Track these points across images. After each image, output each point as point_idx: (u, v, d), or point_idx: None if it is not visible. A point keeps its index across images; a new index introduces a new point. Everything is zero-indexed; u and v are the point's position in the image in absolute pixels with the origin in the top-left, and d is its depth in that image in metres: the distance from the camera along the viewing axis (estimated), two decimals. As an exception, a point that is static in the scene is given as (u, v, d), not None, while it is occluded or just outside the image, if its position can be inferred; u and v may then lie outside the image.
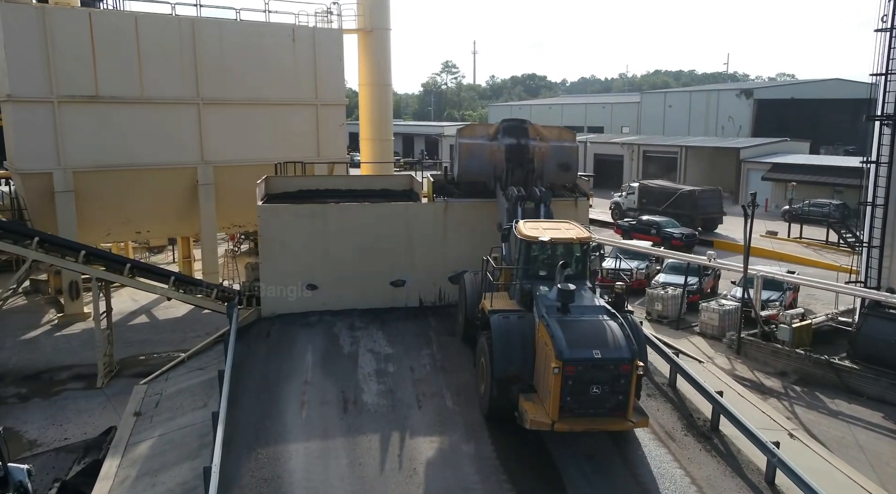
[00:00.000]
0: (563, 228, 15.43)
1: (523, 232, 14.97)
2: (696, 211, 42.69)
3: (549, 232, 14.93)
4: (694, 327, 24.13)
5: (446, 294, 19.73)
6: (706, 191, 44.99)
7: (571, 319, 12.94)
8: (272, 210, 18.86)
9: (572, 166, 19.31)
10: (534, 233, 14.79)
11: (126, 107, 25.16)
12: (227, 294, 19.92)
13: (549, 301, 13.56)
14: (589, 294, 14.40)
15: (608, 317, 13.20)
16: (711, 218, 43.22)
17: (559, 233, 14.99)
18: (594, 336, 12.69)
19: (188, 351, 17.72)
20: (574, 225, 15.86)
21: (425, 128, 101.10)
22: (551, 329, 12.53)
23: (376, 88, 30.87)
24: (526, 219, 16.30)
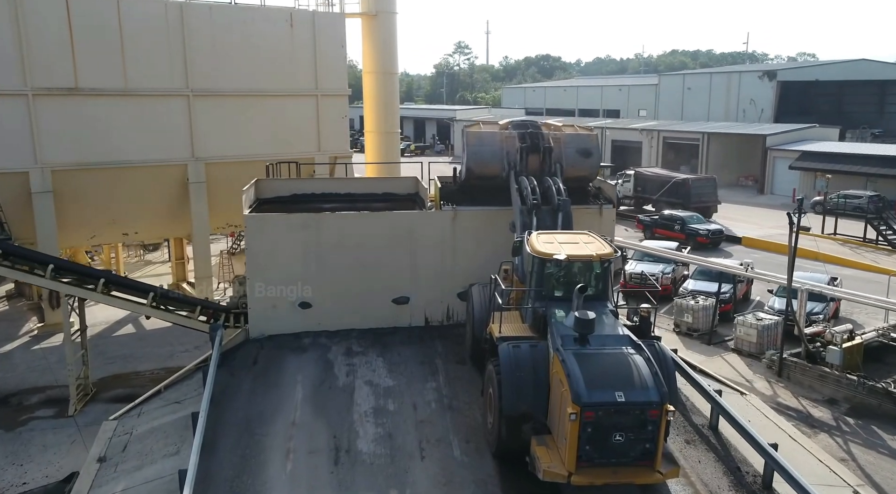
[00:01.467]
0: (582, 242, 13.62)
1: (537, 247, 13.16)
2: (690, 199, 41.71)
3: (566, 246, 13.17)
4: (728, 341, 22.02)
5: (455, 312, 17.79)
6: (700, 180, 44.15)
7: (591, 352, 11.35)
8: (260, 220, 16.89)
9: (593, 152, 17.38)
10: (549, 248, 13.04)
11: (108, 100, 23.17)
12: (213, 311, 17.96)
13: (565, 329, 11.90)
14: (610, 319, 12.66)
15: (633, 350, 11.53)
16: (706, 206, 42.10)
17: (577, 248, 13.23)
18: (617, 374, 11.06)
19: (168, 379, 15.81)
20: (594, 237, 13.96)
21: (437, 112, 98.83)
22: (568, 365, 10.92)
23: (381, 77, 28.70)
24: (540, 231, 14.41)
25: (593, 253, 13.13)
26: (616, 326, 12.59)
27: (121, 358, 20.98)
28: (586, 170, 17.41)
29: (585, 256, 13.07)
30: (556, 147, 17.04)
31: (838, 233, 36.92)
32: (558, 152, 16.99)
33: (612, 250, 13.43)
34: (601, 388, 10.64)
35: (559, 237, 14.03)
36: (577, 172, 17.22)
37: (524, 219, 15.68)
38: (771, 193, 53.07)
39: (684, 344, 21.92)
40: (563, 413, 10.89)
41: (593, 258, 13.07)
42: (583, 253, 13.10)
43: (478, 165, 16.97)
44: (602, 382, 10.80)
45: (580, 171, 17.29)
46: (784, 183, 51.82)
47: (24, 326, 24.18)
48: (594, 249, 13.30)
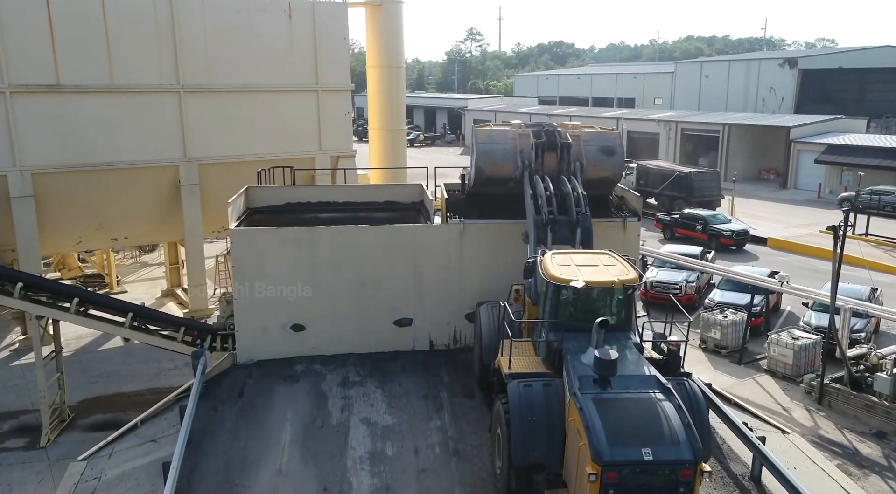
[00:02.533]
0: (603, 264, 12.17)
1: (551, 271, 11.73)
2: (693, 193, 40.62)
3: (584, 270, 11.78)
4: (759, 360, 20.28)
5: (462, 335, 16.22)
6: (703, 173, 43.05)
7: (613, 397, 10.12)
8: (247, 235, 15.33)
9: (617, 150, 15.75)
10: (565, 272, 11.64)
11: (93, 97, 21.60)
12: (198, 332, 16.44)
13: (583, 368, 10.57)
14: (634, 355, 11.27)
15: (661, 395, 10.15)
16: (708, 200, 41.07)
17: (597, 271, 11.82)
18: (643, 425, 9.80)
19: (145, 413, 14.30)
20: (616, 258, 12.45)
21: (448, 101, 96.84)
22: (586, 415, 9.61)
23: (387, 70, 26.97)
24: (555, 250, 12.87)
25: (615, 278, 11.65)
26: (641, 364, 11.16)
27: (104, 377, 19.54)
28: (609, 170, 15.77)
29: (606, 282, 11.58)
30: (576, 144, 15.41)
31: (870, 233, 34.93)
32: (578, 150, 15.37)
33: (636, 275, 11.92)
34: (625, 444, 9.34)
35: (576, 258, 12.53)
36: (600, 172, 15.60)
37: (538, 232, 14.12)
38: (794, 188, 50.99)
39: (712, 363, 20.24)
40: (580, 471, 9.58)
41: (615, 285, 11.59)
42: (603, 279, 11.60)
43: (488, 165, 15.37)
44: (626, 436, 9.49)
45: (602, 171, 15.65)
46: (808, 177, 49.76)
47: (6, 338, 22.77)
48: (616, 274, 11.82)
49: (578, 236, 14.05)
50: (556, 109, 78.14)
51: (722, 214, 35.65)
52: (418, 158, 74.10)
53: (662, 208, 41.11)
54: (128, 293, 27.24)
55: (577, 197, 14.28)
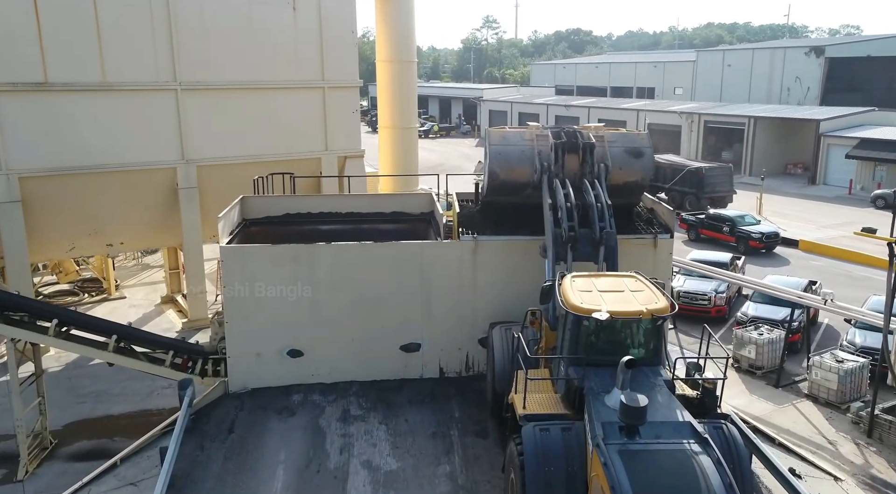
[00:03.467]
0: (629, 289, 10.87)
1: (571, 300, 10.43)
2: (703, 189, 39.54)
3: (608, 297, 10.52)
4: (798, 382, 18.73)
5: (475, 361, 14.84)
6: (715, 169, 41.32)
7: (641, 448, 8.96)
8: (239, 252, 13.98)
9: (645, 152, 14.27)
10: (586, 300, 10.36)
11: (84, 96, 20.29)
12: (189, 355, 15.15)
13: (607, 413, 9.38)
14: (664, 395, 9.98)
15: (697, 446, 8.92)
16: (720, 196, 40.06)
17: (623, 299, 10.53)
18: (677, 485, 8.64)
19: (125, 450, 13.01)
20: (644, 282, 11.11)
21: (463, 91, 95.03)
22: (612, 472, 8.47)
23: (398, 65, 25.45)
24: (575, 274, 11.49)
25: (643, 307, 10.28)
26: (673, 407, 9.80)
27: (93, 397, 18.33)
28: (637, 174, 14.28)
29: (633, 313, 10.24)
30: (600, 145, 13.95)
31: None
32: (602, 151, 13.90)
33: (667, 304, 10.55)
34: None
35: (599, 282, 11.20)
36: (626, 176, 14.14)
37: (557, 248, 12.72)
38: (823, 184, 48.98)
39: (746, 385, 18.70)
40: (607, 540, 8.29)
41: (643, 315, 10.18)
42: (630, 309, 10.28)
43: (503, 168, 13.96)
44: None
45: (630, 175, 14.19)
46: (839, 173, 47.74)
47: (-4, 350, 21.60)
48: (644, 301, 10.49)
49: (602, 254, 12.64)
50: (574, 100, 76.25)
51: (750, 215, 33.89)
52: (432, 150, 72.69)
53: (673, 204, 39.59)
54: (126, 299, 26.10)
55: (602, 208, 12.84)
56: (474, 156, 65.29)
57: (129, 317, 24.30)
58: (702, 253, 26.14)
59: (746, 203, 42.62)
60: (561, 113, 72.49)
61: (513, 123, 78.62)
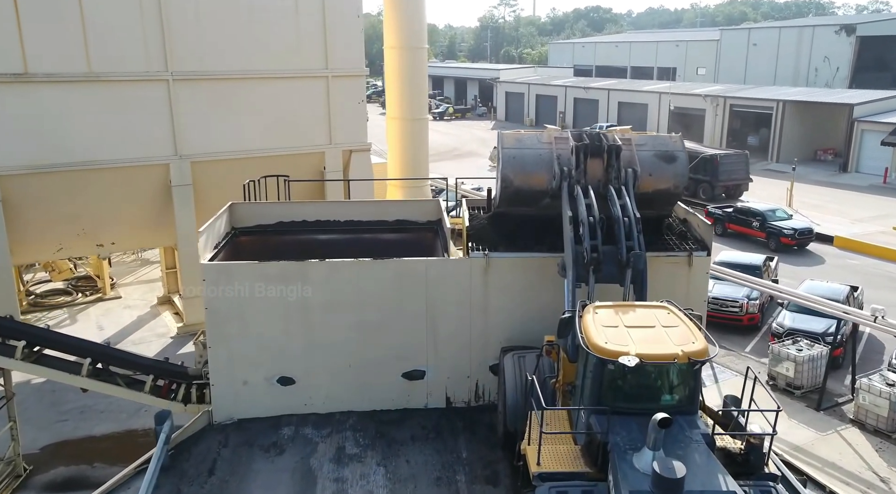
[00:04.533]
0: (661, 324, 9.41)
1: (594, 339, 9.03)
2: (718, 177, 38.31)
3: (636, 334, 9.10)
4: (842, 404, 17.13)
5: (485, 390, 13.40)
6: (730, 156, 39.92)
7: None
8: (223, 270, 12.53)
9: (678, 157, 12.61)
10: (611, 339, 8.95)
11: (68, 87, 18.83)
12: (171, 379, 13.80)
13: (636, 478, 8.16)
14: (703, 455, 8.56)
15: None
16: (736, 185, 38.96)
17: (654, 339, 9.07)
18: None
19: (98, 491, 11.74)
20: (677, 314, 9.65)
21: (479, 72, 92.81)
22: None
23: (407, 53, 23.73)
24: (598, 304, 10.03)
25: (678, 349, 8.84)
26: (714, 472, 8.35)
27: (76, 414, 17.10)
28: (669, 181, 12.66)
29: (667, 356, 8.79)
30: (627, 148, 12.37)
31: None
32: (629, 155, 12.32)
33: (704, 345, 9.06)
34: None
35: (626, 315, 9.75)
36: (657, 183, 12.55)
37: (578, 270, 11.21)
38: (856, 171, 46.72)
39: (784, 407, 17.03)
40: None
41: (679, 359, 8.70)
42: (663, 352, 8.83)
43: (517, 174, 12.43)
44: None
45: (661, 182, 12.58)
46: (873, 160, 45.49)
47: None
48: (679, 341, 9.06)
49: (629, 276, 11.10)
50: (593, 82, 73.92)
51: (782, 209, 32.01)
52: (447, 133, 70.87)
53: (686, 192, 38.03)
54: (122, 299, 24.85)
55: (629, 222, 11.26)
56: (490, 140, 63.47)
57: (124, 320, 23.23)
58: (731, 254, 24.39)
59: (774, 192, 40.73)
60: (580, 95, 70.32)
61: (530, 106, 76.59)
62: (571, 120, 71.39)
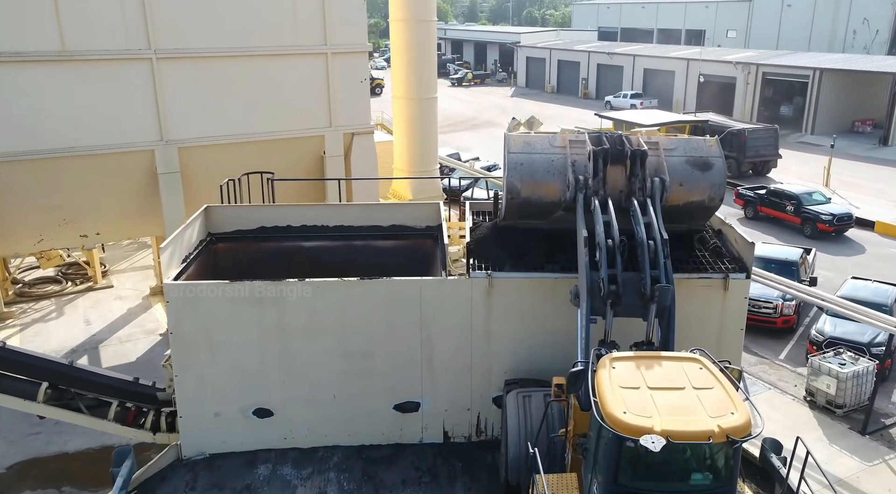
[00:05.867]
0: (692, 383, 7.77)
1: (611, 407, 7.43)
2: (745, 153, 36.30)
3: (662, 400, 7.49)
4: (889, 426, 15.43)
5: (488, 423, 11.88)
6: (759, 131, 37.61)
7: None
8: (188, 292, 11.00)
9: (714, 164, 10.79)
10: (631, 408, 7.36)
11: (39, 68, 17.22)
12: (137, 406, 12.42)
13: None
14: None
15: None
16: (764, 161, 37.03)
17: (684, 410, 7.43)
18: None
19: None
20: (711, 371, 7.98)
21: (500, 35, 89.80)
22: None
23: (414, 26, 21.75)
24: (616, 356, 8.41)
25: (714, 425, 7.20)
26: None
27: (50, 426, 15.73)
28: (703, 192, 10.88)
29: (700, 435, 7.14)
30: (654, 153, 10.61)
31: None
32: (657, 162, 10.57)
33: (747, 418, 7.39)
34: None
35: (649, 372, 8.07)
36: (689, 195, 10.79)
37: (593, 301, 9.57)
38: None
39: (823, 428, 15.43)
40: None
41: (715, 437, 7.12)
42: (695, 429, 7.17)
43: (525, 182, 10.73)
44: None
45: (693, 193, 10.82)
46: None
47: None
48: (715, 412, 7.48)
49: (653, 311, 9.41)
50: (618, 47, 70.92)
51: (819, 191, 29.79)
52: (464, 100, 68.63)
53: None
54: (114, 288, 23.58)
55: (655, 245, 9.54)
56: (509, 109, 61.29)
57: (113, 313, 21.96)
58: (764, 248, 22.36)
59: (807, 169, 38.45)
60: (603, 61, 67.55)
61: (551, 73, 73.92)
62: (594, 88, 68.75)
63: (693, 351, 8.59)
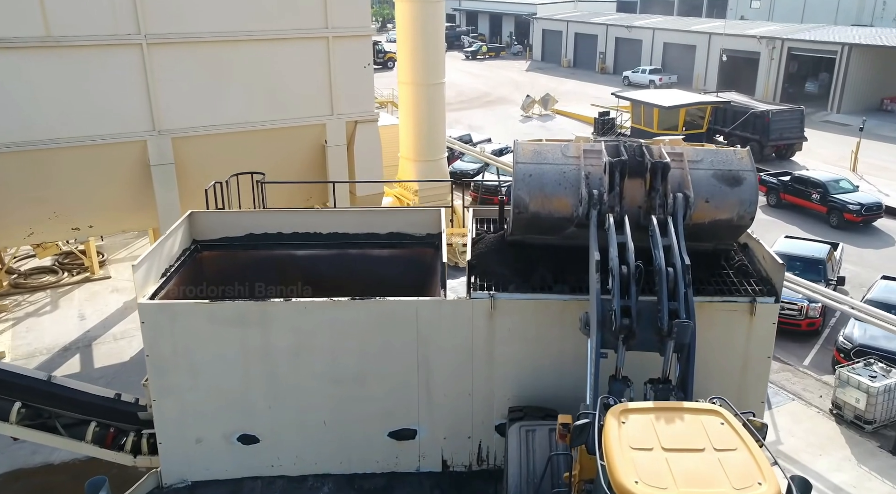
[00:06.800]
0: (712, 443, 6.80)
1: (619, 474, 6.46)
2: (769, 136, 34.90)
3: (678, 464, 6.55)
4: (921, 446, 14.47)
5: (490, 452, 11.01)
6: (784, 112, 35.98)
7: None
8: (164, 312, 10.16)
9: (744, 178, 9.71)
10: (643, 475, 6.41)
11: (23, 54, 16.31)
12: (117, 427, 11.69)
13: None
14: None
15: None
16: (788, 144, 35.69)
17: (703, 476, 6.46)
18: None
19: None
20: (733, 425, 7.02)
21: (516, 6, 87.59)
22: None
23: (421, 5, 20.65)
24: (627, 408, 7.43)
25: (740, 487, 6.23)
26: None
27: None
28: (732, 210, 9.79)
29: None
30: (677, 165, 9.58)
31: None
32: (681, 175, 9.54)
33: (776, 487, 6.45)
34: None
35: (664, 429, 7.05)
36: (716, 213, 9.74)
37: (605, 334, 8.65)
38: (929, 126, 42.48)
39: (850, 445, 14.49)
40: None
41: None
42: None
43: (534, 196, 9.74)
44: None
45: (721, 211, 9.76)
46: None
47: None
48: (739, 480, 6.40)
49: (670, 348, 8.45)
50: (637, 19, 68.89)
51: (846, 179, 28.47)
52: (478, 75, 67.02)
53: None
54: (111, 279, 22.90)
55: (676, 274, 8.55)
56: (524, 84, 59.80)
57: (109, 307, 21.31)
58: (789, 244, 21.21)
59: (833, 151, 37.02)
60: (622, 34, 65.64)
61: (568, 46, 72.07)
62: (612, 62, 66.91)
63: (713, 401, 7.68)
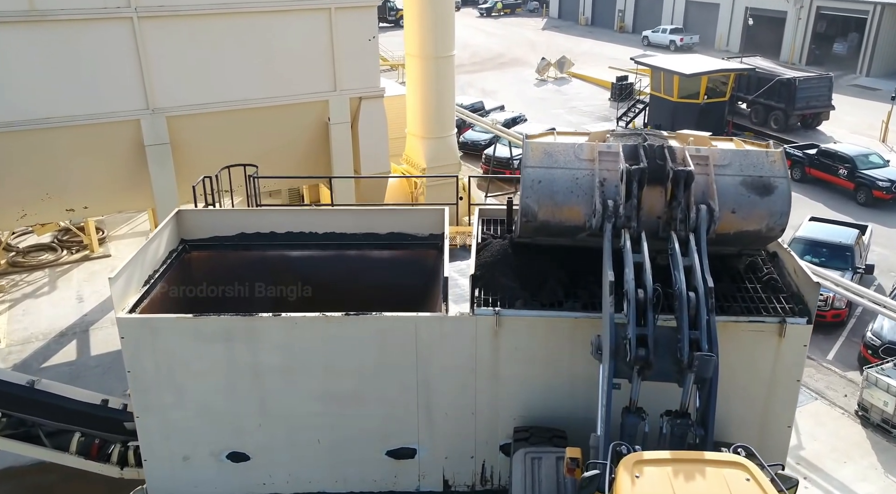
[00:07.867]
0: None
1: None
2: (795, 104, 33.26)
3: None
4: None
5: (495, 472, 10.36)
6: (811, 79, 34.28)
7: None
8: (145, 328, 9.47)
9: (776, 186, 8.81)
10: None
11: (8, 30, 15.45)
12: (102, 439, 11.16)
13: None
14: None
15: None
16: (815, 114, 34.16)
17: None
18: None
19: None
20: (761, 484, 6.30)
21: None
22: None
23: (429, -29, 19.47)
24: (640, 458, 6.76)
25: None
26: None
27: (29, 431, 14.77)
28: (761, 220, 8.92)
29: None
30: (702, 171, 8.70)
31: None
32: (705, 183, 8.67)
33: None
34: None
35: (680, 484, 6.36)
36: (743, 224, 8.91)
37: (618, 363, 7.92)
38: (961, 92, 40.56)
39: (877, 451, 13.79)
40: None
41: None
42: None
43: (543, 205, 8.89)
44: None
45: (749, 222, 8.91)
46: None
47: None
48: None
49: (690, 380, 7.70)
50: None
51: (876, 153, 27.18)
52: (493, 34, 65.09)
53: (756, 120, 33.71)
54: (111, 257, 22.35)
55: (698, 299, 7.75)
56: (540, 44, 58.04)
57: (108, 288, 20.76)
58: (815, 227, 20.17)
59: (862, 119, 35.53)
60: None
61: (586, 2, 69.69)
62: (631, 21, 64.73)
63: (738, 450, 6.95)
